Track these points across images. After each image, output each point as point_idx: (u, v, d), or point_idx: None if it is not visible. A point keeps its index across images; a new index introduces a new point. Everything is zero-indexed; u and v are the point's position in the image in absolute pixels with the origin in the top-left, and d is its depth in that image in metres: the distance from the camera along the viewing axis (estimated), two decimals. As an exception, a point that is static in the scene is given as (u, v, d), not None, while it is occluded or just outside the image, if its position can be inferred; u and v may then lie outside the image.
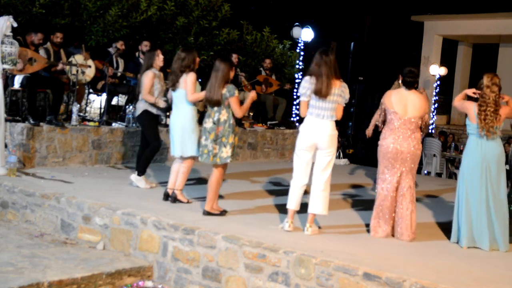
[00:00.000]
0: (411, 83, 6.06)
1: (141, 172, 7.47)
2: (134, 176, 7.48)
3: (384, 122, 6.24)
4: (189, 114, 6.70)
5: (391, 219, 6.01)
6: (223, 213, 6.32)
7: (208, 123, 6.24)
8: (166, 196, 6.84)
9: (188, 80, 6.60)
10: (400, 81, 6.26)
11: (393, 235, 6.04)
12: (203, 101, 6.43)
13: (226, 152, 6.17)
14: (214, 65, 6.25)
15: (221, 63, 6.20)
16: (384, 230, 6.01)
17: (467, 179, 5.95)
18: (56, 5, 9.87)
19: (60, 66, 8.79)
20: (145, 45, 10.05)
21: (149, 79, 7.19)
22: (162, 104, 7.28)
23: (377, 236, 6.00)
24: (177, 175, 6.79)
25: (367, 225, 6.46)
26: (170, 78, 6.76)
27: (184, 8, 11.95)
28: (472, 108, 5.99)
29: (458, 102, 6.18)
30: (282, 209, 6.49)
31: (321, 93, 5.72)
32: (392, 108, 6.00)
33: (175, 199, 6.72)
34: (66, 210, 6.44)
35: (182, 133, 6.66)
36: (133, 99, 9.34)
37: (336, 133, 5.91)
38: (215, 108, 6.20)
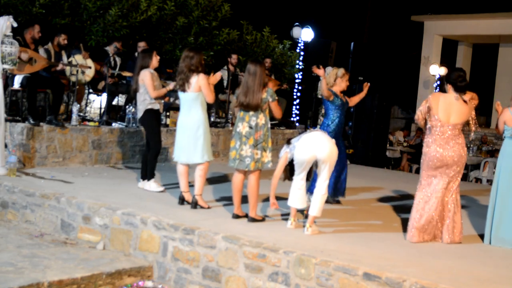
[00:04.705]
0: (464, 88, 5.92)
1: (151, 176, 7.32)
2: (146, 184, 7.30)
3: (426, 122, 6.03)
4: (201, 117, 6.52)
5: (432, 225, 5.94)
6: (264, 219, 6.27)
7: (243, 128, 6.06)
8: (182, 200, 6.67)
9: (202, 83, 6.46)
10: (447, 88, 6.08)
11: (426, 240, 5.94)
12: (237, 106, 6.22)
13: (266, 157, 6.09)
14: (247, 69, 6.06)
15: (256, 66, 6.02)
16: (422, 235, 5.93)
17: (505, 180, 6.02)
18: (56, 5, 9.87)
19: (60, 66, 8.79)
20: (139, 46, 10.03)
21: (149, 78, 7.07)
22: (172, 85, 7.12)
23: (413, 241, 5.91)
24: (186, 177, 6.67)
25: (368, 226, 6.47)
26: (178, 77, 6.55)
27: (184, 8, 11.95)
28: (508, 112, 6.11)
29: (499, 123, 6.24)
30: (282, 209, 6.49)
31: None
32: (437, 113, 5.89)
33: (196, 205, 6.54)
34: (66, 210, 6.44)
35: (191, 137, 6.51)
36: (132, 99, 9.33)
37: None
38: (251, 113, 6.03)
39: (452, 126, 5.89)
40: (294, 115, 14.80)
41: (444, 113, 5.88)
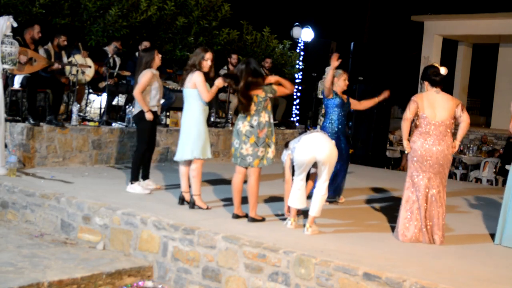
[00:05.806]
0: (440, 82, 6.00)
1: (133, 179, 7.15)
2: (129, 186, 7.15)
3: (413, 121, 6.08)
4: (194, 113, 6.52)
5: (419, 223, 5.92)
6: (264, 219, 6.26)
7: (243, 127, 6.06)
8: (182, 200, 6.67)
9: (197, 80, 6.45)
10: (423, 85, 6.13)
11: (419, 239, 5.94)
12: (238, 107, 6.20)
13: (272, 153, 6.13)
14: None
15: (241, 66, 6.07)
16: (413, 234, 5.91)
17: None
18: (56, 5, 9.88)
19: (55, 66, 8.72)
20: (144, 46, 10.06)
21: (147, 78, 7.01)
22: (148, 116, 7.04)
23: (405, 240, 5.89)
24: (187, 177, 6.65)
25: (368, 226, 6.47)
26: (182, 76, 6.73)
27: (184, 8, 11.96)
28: None
29: None
30: (282, 209, 6.50)
31: None
32: (423, 111, 5.93)
33: (193, 205, 6.53)
34: (66, 210, 6.45)
35: (184, 133, 6.54)
36: (132, 98, 9.33)
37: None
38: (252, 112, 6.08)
39: (438, 123, 5.90)
40: (294, 115, 14.81)
41: (430, 110, 5.92)
